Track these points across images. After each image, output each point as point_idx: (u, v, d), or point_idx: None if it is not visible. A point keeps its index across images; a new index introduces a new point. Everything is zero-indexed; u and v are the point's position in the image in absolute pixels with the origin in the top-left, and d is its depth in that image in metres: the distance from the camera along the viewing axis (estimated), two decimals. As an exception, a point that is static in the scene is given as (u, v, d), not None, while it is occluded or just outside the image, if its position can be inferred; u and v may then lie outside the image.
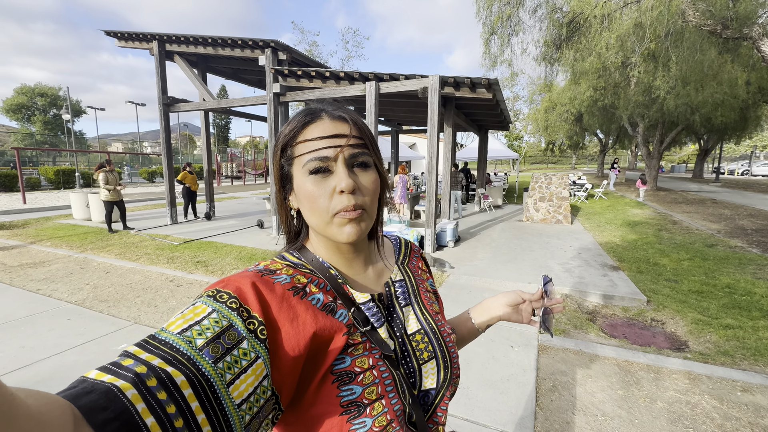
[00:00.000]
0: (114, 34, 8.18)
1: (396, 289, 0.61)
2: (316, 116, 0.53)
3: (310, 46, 26.59)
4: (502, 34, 8.55)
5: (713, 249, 6.10)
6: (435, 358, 0.57)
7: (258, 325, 0.43)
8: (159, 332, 0.40)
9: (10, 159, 20.81)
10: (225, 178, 24.38)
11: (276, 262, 0.54)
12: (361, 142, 0.53)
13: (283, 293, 0.47)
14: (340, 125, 0.52)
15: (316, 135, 0.51)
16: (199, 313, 0.42)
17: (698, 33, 6.94)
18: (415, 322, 0.59)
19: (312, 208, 0.52)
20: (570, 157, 52.16)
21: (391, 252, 0.68)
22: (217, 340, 0.40)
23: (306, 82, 6.45)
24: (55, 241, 6.70)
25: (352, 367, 0.49)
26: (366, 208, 0.52)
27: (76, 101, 40.80)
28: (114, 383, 0.32)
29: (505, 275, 4.63)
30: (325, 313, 0.49)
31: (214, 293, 0.44)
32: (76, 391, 0.30)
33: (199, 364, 0.37)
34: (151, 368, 0.35)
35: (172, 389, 0.34)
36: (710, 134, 20.86)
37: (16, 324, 3.32)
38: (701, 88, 9.79)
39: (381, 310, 0.56)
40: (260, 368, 0.41)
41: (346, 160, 0.51)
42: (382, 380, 0.50)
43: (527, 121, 31.88)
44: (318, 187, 0.51)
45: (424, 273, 0.70)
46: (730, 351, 2.95)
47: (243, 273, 0.49)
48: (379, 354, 0.52)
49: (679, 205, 11.74)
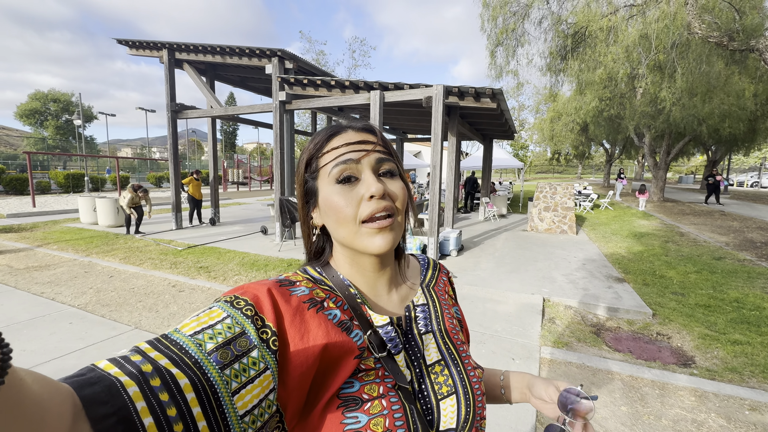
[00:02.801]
0: (126, 42, 8.37)
1: (417, 314, 0.57)
2: (341, 129, 0.53)
3: (318, 55, 26.93)
4: (507, 45, 8.61)
5: (721, 262, 6.00)
6: (455, 394, 0.52)
7: (271, 335, 0.42)
8: (172, 332, 0.40)
9: (21, 163, 21.21)
10: (231, 184, 24.61)
11: (297, 275, 0.53)
12: (386, 151, 0.53)
13: (298, 306, 0.46)
14: (366, 135, 0.52)
15: (341, 143, 0.51)
16: (214, 317, 0.41)
17: (704, 45, 6.93)
18: (436, 351, 0.55)
19: (338, 219, 0.50)
20: (576, 167, 51.97)
21: (417, 273, 0.64)
22: (228, 346, 0.39)
23: (312, 91, 6.52)
24: (61, 244, 6.77)
25: (360, 392, 0.46)
26: (396, 215, 0.50)
27: (87, 107, 41.65)
28: (119, 378, 0.32)
29: (508, 286, 4.59)
30: (339, 329, 0.47)
31: (232, 299, 0.44)
32: (81, 380, 0.31)
33: (206, 369, 0.37)
34: (157, 368, 0.34)
35: (175, 392, 0.34)
36: (718, 145, 20.66)
37: (19, 327, 3.34)
38: (708, 99, 9.75)
39: (399, 335, 0.52)
40: (268, 380, 0.40)
41: (373, 166, 0.50)
42: (392, 413, 0.45)
43: (533, 130, 31.87)
44: (345, 197, 0.49)
45: (450, 298, 0.65)
46: (738, 368, 2.88)
47: (262, 281, 0.48)
48: (392, 384, 0.48)
49: (686, 217, 11.60)
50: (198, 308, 3.87)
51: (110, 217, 8.77)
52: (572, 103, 15.31)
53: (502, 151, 15.82)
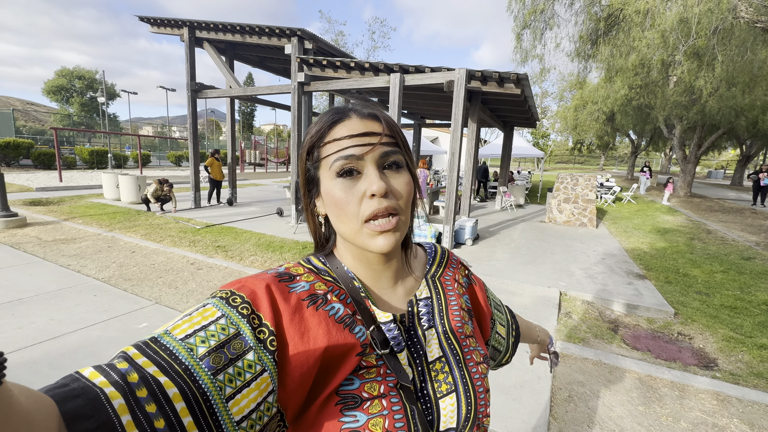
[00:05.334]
0: (147, 19, 8.38)
1: (420, 309, 0.54)
2: (344, 115, 0.49)
3: (337, 35, 26.54)
4: (534, 28, 8.24)
5: (750, 262, 5.74)
6: (455, 392, 0.50)
7: (268, 334, 0.41)
8: (162, 335, 0.38)
9: (49, 138, 21.90)
10: (248, 165, 24.86)
11: (299, 266, 0.51)
12: (392, 141, 0.49)
13: (297, 304, 0.44)
14: (371, 123, 0.48)
15: (344, 134, 0.47)
16: (208, 316, 0.39)
17: (750, 30, 6.46)
18: (437, 347, 0.52)
19: (340, 215, 0.47)
20: (598, 158, 50.27)
21: (423, 264, 0.61)
22: (221, 350, 0.37)
23: (331, 72, 6.42)
24: (86, 219, 7.01)
25: (359, 390, 0.44)
26: (400, 214, 0.48)
27: (111, 85, 42.47)
28: (104, 389, 0.30)
29: (523, 277, 4.52)
30: (341, 326, 0.45)
31: (228, 295, 0.42)
32: (64, 392, 0.29)
33: (197, 376, 0.35)
34: (144, 377, 0.33)
35: (163, 402, 0.32)
36: (754, 139, 19.58)
37: (47, 297, 3.49)
38: (749, 89, 9.15)
39: (402, 332, 0.51)
40: (265, 382, 0.38)
41: (377, 161, 0.47)
42: (392, 413, 0.44)
43: (555, 118, 30.83)
44: (346, 192, 0.46)
45: (461, 287, 0.62)
46: (764, 373, 2.77)
47: (261, 275, 0.46)
48: (394, 383, 0.46)
49: (714, 214, 11.11)
50: (215, 286, 3.96)
51: (132, 194, 9.00)
52: (600, 90, 14.65)
53: (522, 139, 15.41)
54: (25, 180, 12.44)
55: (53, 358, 2.52)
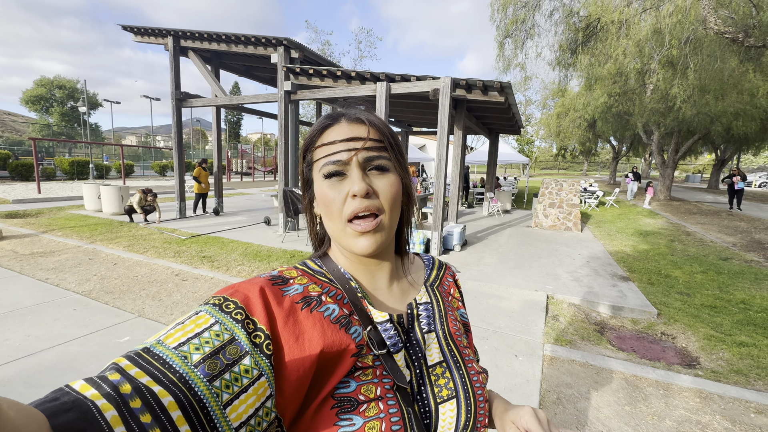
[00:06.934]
0: (131, 29, 8.30)
1: (420, 312, 0.55)
2: (335, 120, 0.52)
3: (323, 45, 26.69)
4: (516, 37, 8.45)
5: (728, 262, 5.93)
6: (456, 398, 0.50)
7: (264, 338, 0.40)
8: (154, 344, 0.37)
9: (27, 149, 21.29)
10: (235, 174, 24.62)
11: (293, 270, 0.51)
12: (379, 144, 0.50)
13: (290, 307, 0.44)
14: (357, 128, 0.50)
15: (332, 139, 0.49)
16: (201, 324, 0.39)
17: (719, 41, 6.76)
18: (438, 352, 0.53)
19: (327, 213, 0.50)
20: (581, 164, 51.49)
21: (421, 271, 0.63)
22: (216, 356, 0.37)
23: (317, 81, 6.45)
24: (66, 231, 6.80)
25: (356, 393, 0.44)
26: (382, 214, 0.49)
27: (93, 94, 41.65)
28: (95, 401, 0.29)
29: (511, 282, 4.56)
30: (336, 327, 0.46)
31: (221, 301, 0.42)
32: (54, 406, 0.28)
33: (192, 383, 0.34)
34: (137, 387, 0.32)
35: (158, 411, 0.32)
36: (728, 144, 20.37)
37: (23, 312, 3.36)
38: (721, 97, 9.56)
39: (400, 333, 0.51)
40: (263, 387, 0.38)
41: (361, 164, 0.49)
42: (388, 416, 0.43)
43: (539, 125, 31.55)
44: (333, 191, 0.49)
45: (456, 300, 0.63)
46: (744, 370, 2.84)
47: (254, 280, 0.46)
48: (391, 385, 0.46)
49: (692, 216, 11.48)
50: (201, 297, 3.88)
51: (114, 204, 8.79)
52: (580, 98, 15.10)
53: (507, 146, 15.67)
54: (1, 192, 12.04)
55: (29, 376, 2.42)
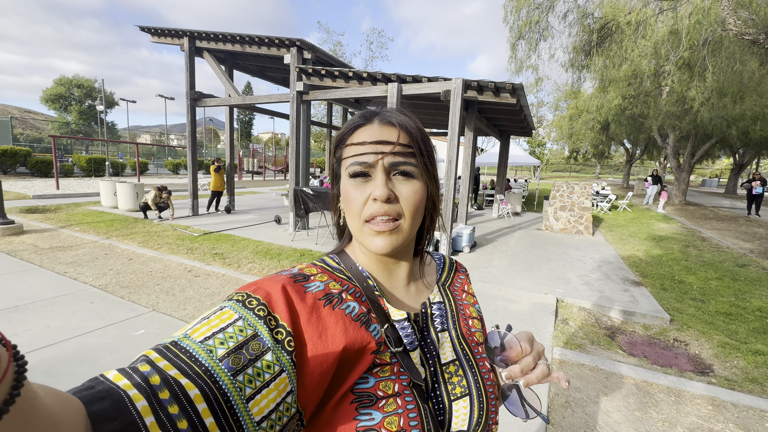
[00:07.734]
0: (148, 29, 8.49)
1: (433, 311, 0.56)
2: (368, 120, 0.52)
3: (335, 45, 26.86)
4: (529, 38, 8.40)
5: (745, 269, 5.79)
6: (469, 395, 0.51)
7: (286, 335, 0.41)
8: (182, 338, 0.38)
9: (47, 146, 21.90)
10: (246, 173, 24.92)
11: (312, 267, 0.52)
12: (408, 150, 0.50)
13: (313, 303, 0.45)
14: (388, 130, 0.50)
15: (361, 139, 0.50)
16: (225, 319, 0.40)
17: (738, 42, 6.62)
18: (451, 350, 0.54)
19: (349, 211, 0.51)
20: (594, 166, 50.68)
21: (433, 271, 0.64)
22: (240, 351, 0.38)
23: (329, 82, 6.51)
24: (83, 226, 6.99)
25: (375, 389, 0.45)
26: (402, 220, 0.49)
27: (109, 93, 42.61)
28: (127, 391, 0.31)
29: (521, 284, 4.54)
30: (357, 324, 0.46)
31: (244, 297, 0.43)
32: (90, 394, 0.30)
33: (217, 377, 0.35)
34: (165, 379, 0.33)
35: (185, 403, 0.33)
36: (747, 148, 19.86)
37: (43, 304, 3.47)
38: (740, 100, 9.33)
39: (416, 331, 0.52)
40: (284, 383, 0.39)
41: (386, 168, 0.49)
42: (406, 412, 0.45)
43: (551, 127, 31.18)
44: (356, 191, 0.50)
45: (470, 297, 0.65)
46: (759, 379, 2.79)
47: (275, 277, 0.47)
48: (408, 381, 0.47)
49: (709, 221, 11.22)
50: (213, 293, 3.95)
51: (130, 201, 9.00)
52: (594, 100, 14.87)
53: (518, 148, 15.54)
54: (21, 188, 12.41)
55: (49, 366, 2.51)
